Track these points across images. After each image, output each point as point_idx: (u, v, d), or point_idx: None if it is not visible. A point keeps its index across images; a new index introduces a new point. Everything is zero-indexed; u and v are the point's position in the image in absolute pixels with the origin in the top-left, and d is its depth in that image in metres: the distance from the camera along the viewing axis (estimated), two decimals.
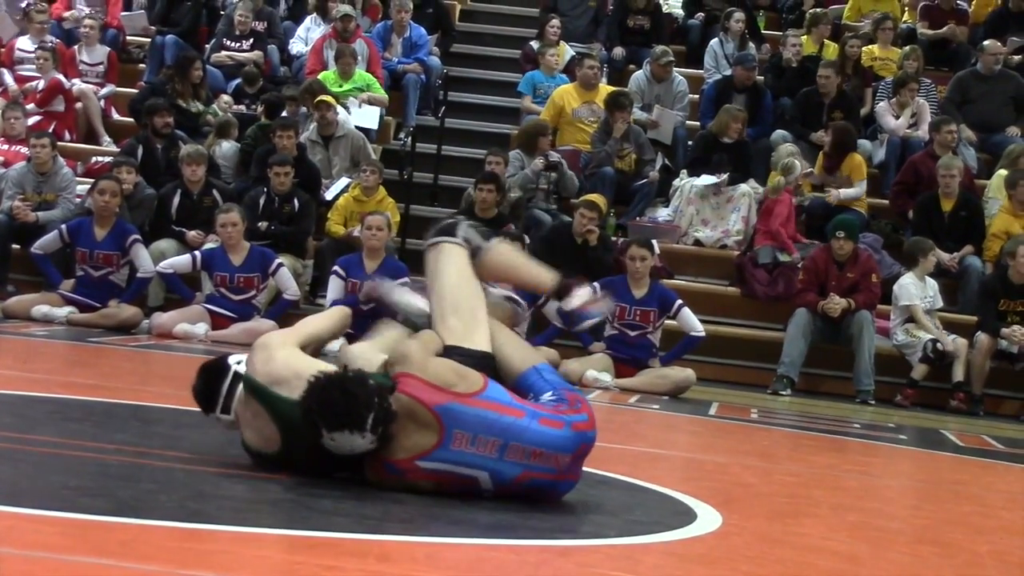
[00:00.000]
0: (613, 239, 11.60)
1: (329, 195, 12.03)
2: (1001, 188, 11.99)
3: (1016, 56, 14.16)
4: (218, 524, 3.85)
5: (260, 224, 11.15)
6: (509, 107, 14.41)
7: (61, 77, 13.41)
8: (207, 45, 14.48)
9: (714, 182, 12.12)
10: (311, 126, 12.49)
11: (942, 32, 14.62)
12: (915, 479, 7.26)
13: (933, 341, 10.76)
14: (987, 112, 13.33)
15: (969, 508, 6.11)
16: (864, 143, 12.97)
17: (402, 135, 13.44)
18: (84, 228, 10.52)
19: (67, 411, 5.87)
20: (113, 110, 14.02)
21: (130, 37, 15.13)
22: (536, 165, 12.10)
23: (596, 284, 5.21)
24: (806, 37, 14.34)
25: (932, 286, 11.09)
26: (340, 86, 13.18)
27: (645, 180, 12.42)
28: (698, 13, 15.40)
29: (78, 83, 13.66)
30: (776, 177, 11.86)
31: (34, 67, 13.49)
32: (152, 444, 5.09)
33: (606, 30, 14.99)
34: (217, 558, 3.50)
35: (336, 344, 7.20)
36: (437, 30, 15.03)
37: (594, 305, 4.96)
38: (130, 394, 6.78)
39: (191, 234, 11.19)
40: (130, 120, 13.46)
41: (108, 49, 14.15)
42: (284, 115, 12.63)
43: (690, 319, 10.21)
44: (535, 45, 14.35)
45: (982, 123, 13.26)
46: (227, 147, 12.50)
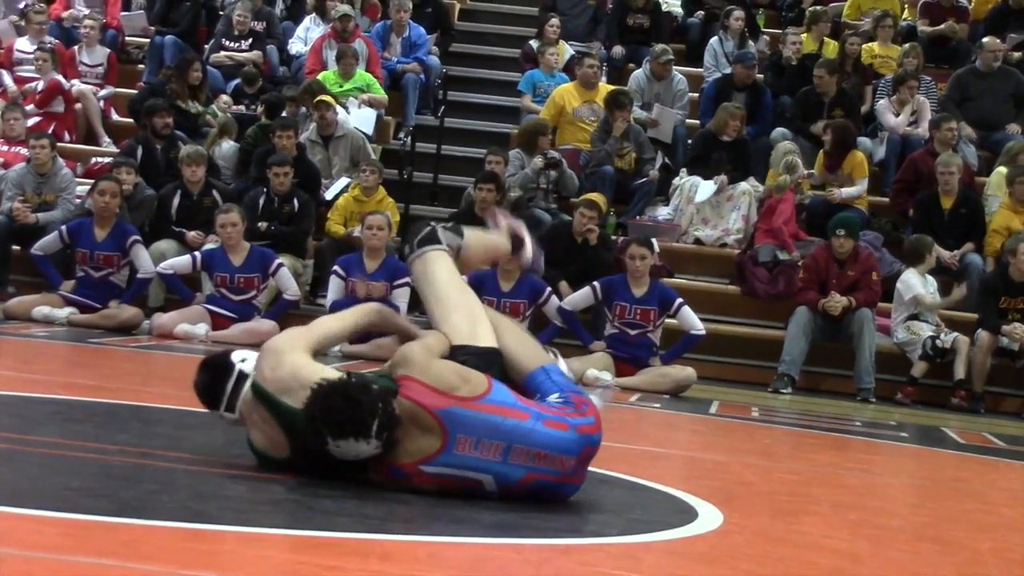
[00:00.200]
0: (613, 238, 11.60)
1: (329, 195, 12.02)
2: (1001, 185, 11.99)
3: (1016, 53, 14.14)
4: (220, 524, 3.85)
5: (260, 224, 11.14)
6: (509, 106, 14.40)
7: (60, 78, 13.41)
8: (206, 45, 14.47)
9: (713, 189, 12.11)
10: (311, 126, 12.48)
11: (942, 29, 14.61)
12: (916, 477, 7.26)
13: (932, 338, 10.77)
14: (987, 109, 13.32)
15: (970, 505, 6.11)
16: (864, 141, 12.95)
17: (402, 135, 13.44)
18: (84, 229, 10.52)
19: (68, 412, 5.87)
20: (112, 111, 14.01)
21: (129, 37, 15.13)
22: (536, 164, 12.09)
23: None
24: (806, 35, 14.35)
25: (932, 283, 11.09)
26: (340, 86, 13.17)
27: (645, 179, 12.43)
28: (698, 11, 15.40)
29: (77, 84, 13.66)
30: (780, 176, 11.85)
31: (33, 68, 13.49)
32: (154, 445, 5.09)
33: (605, 29, 14.99)
34: (219, 558, 3.50)
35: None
36: (436, 29, 15.02)
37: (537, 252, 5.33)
38: (131, 395, 6.77)
39: (191, 235, 11.19)
40: (130, 121, 13.45)
41: (108, 50, 14.16)
42: (284, 115, 12.62)
43: (690, 318, 10.20)
44: (535, 44, 14.34)
45: (982, 120, 13.25)
46: (227, 147, 12.50)
